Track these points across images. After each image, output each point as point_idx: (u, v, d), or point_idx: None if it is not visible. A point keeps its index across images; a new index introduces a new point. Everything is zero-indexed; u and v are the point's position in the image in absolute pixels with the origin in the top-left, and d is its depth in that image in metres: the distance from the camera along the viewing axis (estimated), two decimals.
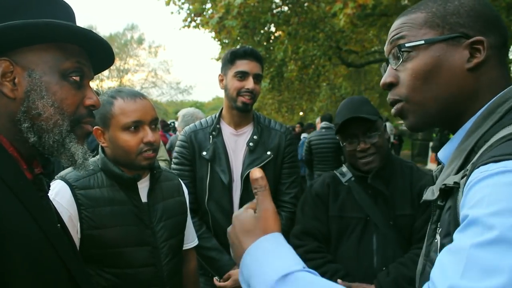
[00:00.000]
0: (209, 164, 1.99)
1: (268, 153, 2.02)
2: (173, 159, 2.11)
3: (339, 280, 1.58)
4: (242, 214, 0.78)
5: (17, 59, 0.83)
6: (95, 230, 1.36)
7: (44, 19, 0.83)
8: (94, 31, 0.95)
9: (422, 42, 0.81)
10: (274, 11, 9.71)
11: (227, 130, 2.07)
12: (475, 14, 0.80)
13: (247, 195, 1.98)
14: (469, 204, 0.63)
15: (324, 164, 6.03)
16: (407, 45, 0.82)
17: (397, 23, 0.88)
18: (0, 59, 0.81)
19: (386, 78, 0.87)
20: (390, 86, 0.87)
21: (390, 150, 1.78)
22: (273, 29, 10.61)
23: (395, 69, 0.86)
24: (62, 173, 1.44)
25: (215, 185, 1.99)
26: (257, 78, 2.01)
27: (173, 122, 7.67)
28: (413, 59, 0.82)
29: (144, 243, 1.44)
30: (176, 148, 2.09)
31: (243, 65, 1.98)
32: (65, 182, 1.39)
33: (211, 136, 2.03)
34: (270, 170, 2.02)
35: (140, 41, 38.66)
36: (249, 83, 1.97)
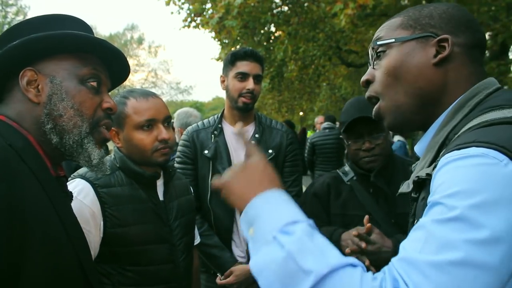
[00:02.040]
0: (211, 162, 2.01)
1: (270, 151, 2.04)
2: (175, 158, 2.13)
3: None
4: (266, 164, 0.83)
5: (40, 68, 0.93)
6: (119, 228, 1.37)
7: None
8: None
9: (393, 40, 0.87)
10: (274, 11, 9.70)
11: (228, 129, 2.10)
12: (447, 17, 0.86)
13: None
14: (433, 189, 0.67)
15: (326, 164, 6.04)
16: (378, 43, 0.90)
17: (378, 29, 0.95)
18: (25, 69, 0.91)
19: (364, 76, 0.93)
20: (368, 83, 0.93)
21: (392, 150, 1.81)
22: (273, 29, 10.61)
23: (373, 68, 0.92)
24: (80, 171, 1.44)
25: None
26: (257, 79, 2.04)
27: (172, 122, 7.79)
28: (386, 56, 0.88)
29: (164, 240, 1.46)
30: (179, 148, 2.12)
31: (243, 66, 2.01)
32: (86, 180, 1.39)
33: (213, 135, 2.06)
34: None
35: (140, 41, 38.66)
36: (250, 84, 2.00)
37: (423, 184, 0.80)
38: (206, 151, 2.03)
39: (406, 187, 0.88)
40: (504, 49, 8.80)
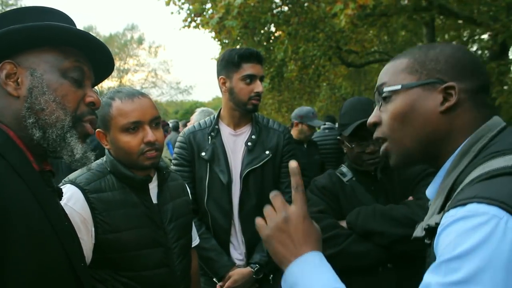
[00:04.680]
0: (208, 164, 2.00)
1: (267, 152, 2.02)
2: (172, 160, 2.11)
3: None
4: (309, 218, 0.85)
5: (20, 61, 0.90)
6: (110, 234, 1.34)
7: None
8: (94, 31, 0.98)
9: (399, 87, 0.89)
10: (274, 11, 9.70)
11: (226, 130, 2.08)
12: (453, 61, 0.86)
13: (246, 195, 1.99)
14: (440, 250, 0.70)
15: (325, 164, 6.03)
16: (385, 89, 0.91)
17: (383, 69, 0.96)
18: (4, 61, 0.88)
19: (371, 118, 0.96)
20: (375, 125, 0.96)
21: None
22: (273, 29, 10.61)
23: (379, 110, 0.94)
24: (71, 177, 1.41)
25: (214, 185, 1.99)
26: (261, 80, 2.04)
27: (168, 122, 7.76)
28: (392, 101, 0.90)
29: (158, 244, 1.43)
30: (175, 150, 2.10)
31: (250, 68, 1.98)
32: (76, 186, 1.35)
33: (209, 137, 2.04)
34: (269, 170, 2.03)
35: (140, 41, 38.66)
36: (258, 86, 2.00)
37: (434, 231, 0.81)
38: (203, 153, 2.01)
39: (420, 231, 0.89)
40: (504, 49, 8.79)
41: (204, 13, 9.94)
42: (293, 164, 0.85)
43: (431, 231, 0.82)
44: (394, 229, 1.49)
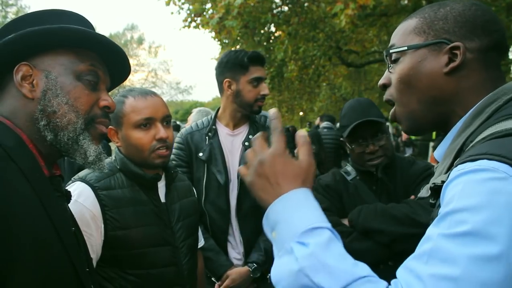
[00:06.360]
0: (206, 165, 1.99)
1: None
2: (171, 161, 2.10)
3: None
4: (286, 156, 0.80)
5: (36, 63, 0.91)
6: (119, 231, 1.35)
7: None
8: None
9: (405, 48, 0.87)
10: (274, 11, 9.71)
11: (223, 130, 2.07)
12: (462, 20, 0.83)
13: (244, 195, 1.98)
14: (445, 201, 0.67)
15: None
16: (391, 51, 0.90)
17: (395, 30, 0.94)
18: (20, 63, 0.89)
19: (381, 80, 0.95)
20: (384, 87, 0.95)
21: (393, 150, 1.81)
22: (273, 29, 10.62)
23: (389, 72, 0.92)
24: (81, 174, 1.42)
25: (211, 186, 1.99)
26: (264, 81, 2.05)
27: (173, 121, 7.76)
28: (400, 63, 0.88)
29: (166, 243, 1.44)
30: (173, 150, 2.08)
31: (257, 71, 2.00)
32: (86, 183, 1.37)
33: (207, 137, 2.03)
34: None
35: (140, 41, 38.71)
36: (265, 89, 2.01)
37: (439, 191, 0.78)
38: (200, 154, 2.01)
39: (425, 192, 0.88)
40: (504, 49, 8.79)
41: (204, 13, 9.95)
42: (272, 110, 0.84)
43: (437, 190, 0.79)
44: (394, 227, 1.50)
